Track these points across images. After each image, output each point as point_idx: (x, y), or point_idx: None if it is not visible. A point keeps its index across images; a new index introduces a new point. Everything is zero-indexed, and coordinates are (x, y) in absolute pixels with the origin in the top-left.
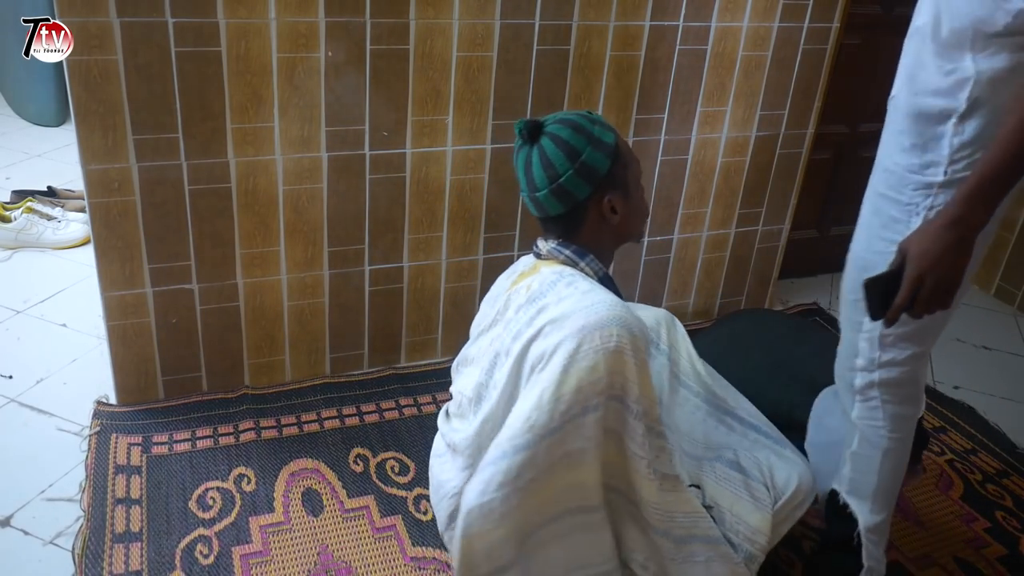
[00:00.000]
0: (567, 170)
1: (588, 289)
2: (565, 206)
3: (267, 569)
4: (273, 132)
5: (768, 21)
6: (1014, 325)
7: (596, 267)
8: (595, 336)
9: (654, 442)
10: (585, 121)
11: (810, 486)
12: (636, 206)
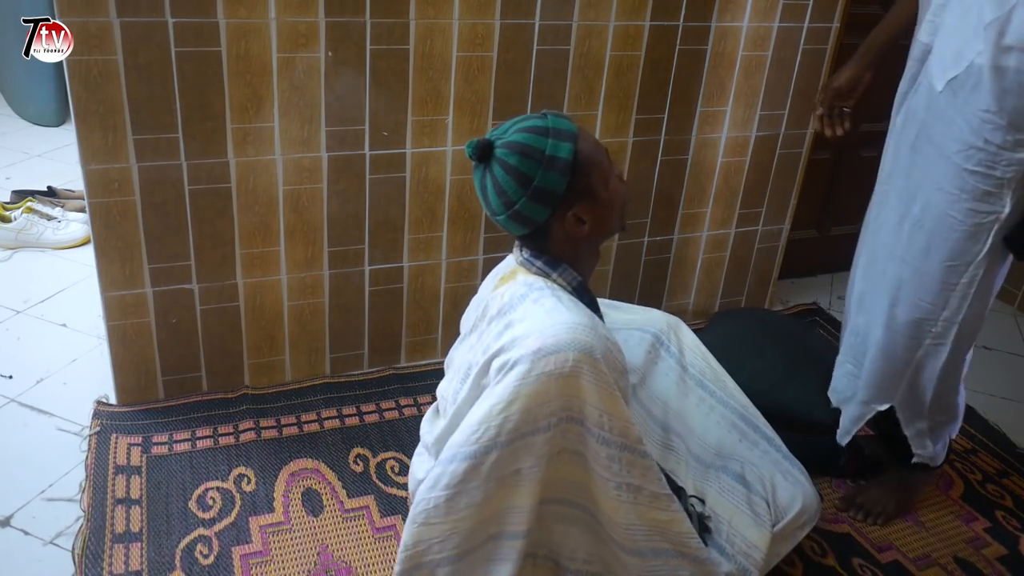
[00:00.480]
0: (520, 197)
1: (552, 308)
2: (527, 228)
3: (267, 569)
4: (273, 132)
5: (768, 21)
6: (1014, 325)
7: (569, 277)
8: (549, 361)
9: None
10: (536, 139)
11: (814, 510)
12: (609, 204)
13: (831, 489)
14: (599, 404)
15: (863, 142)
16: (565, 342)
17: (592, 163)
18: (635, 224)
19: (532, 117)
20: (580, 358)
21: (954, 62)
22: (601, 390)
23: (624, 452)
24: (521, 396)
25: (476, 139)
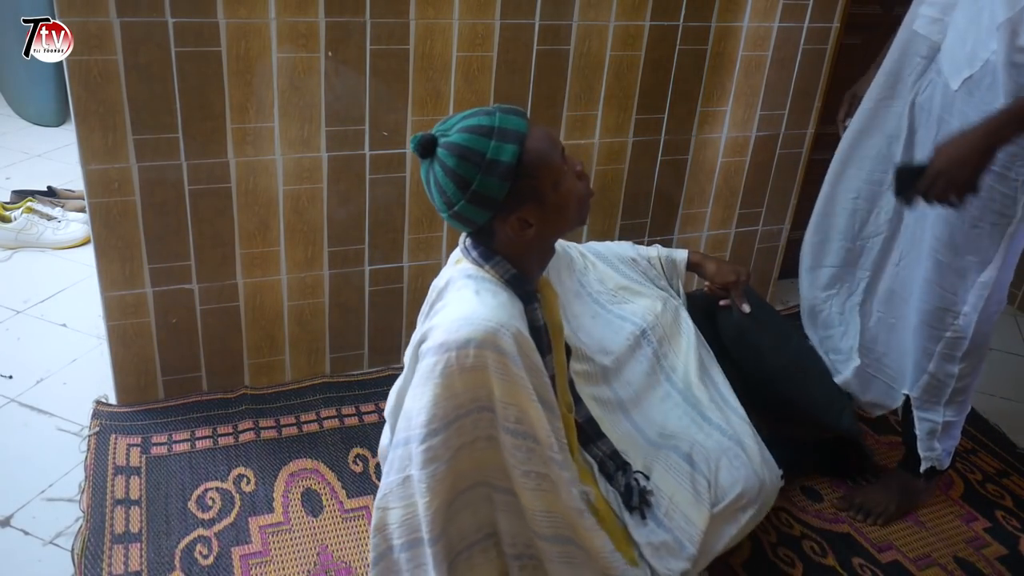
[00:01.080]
0: (459, 199)
1: (467, 300)
2: (470, 228)
3: (267, 569)
4: (273, 132)
5: (768, 21)
6: (1014, 325)
7: (503, 269)
8: (451, 356)
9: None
10: (477, 141)
11: (755, 493)
12: (558, 206)
13: (830, 488)
14: (503, 396)
15: None
16: (468, 338)
17: (540, 165)
18: (635, 224)
19: (479, 114)
20: (483, 353)
21: (968, 62)
22: (505, 382)
23: (527, 441)
24: (428, 388)
25: (420, 134)
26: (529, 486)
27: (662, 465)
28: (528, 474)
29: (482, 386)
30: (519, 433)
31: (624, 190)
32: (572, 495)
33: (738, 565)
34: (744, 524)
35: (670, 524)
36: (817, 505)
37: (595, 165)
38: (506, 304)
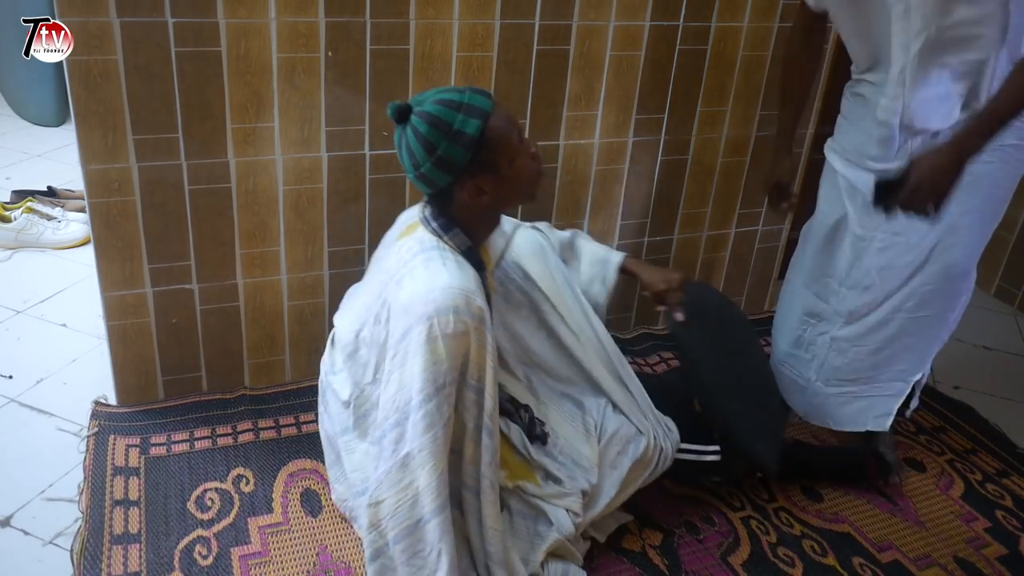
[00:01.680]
0: (425, 162)
1: (437, 271)
2: (431, 189)
3: (266, 570)
4: (273, 132)
5: (768, 21)
6: (1014, 325)
7: (460, 241)
8: (434, 323)
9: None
10: (447, 112)
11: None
12: (512, 180)
13: (830, 488)
14: (475, 357)
15: None
16: (443, 307)
17: (499, 141)
18: (635, 224)
19: (452, 90)
20: (461, 319)
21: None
22: (479, 344)
23: (480, 396)
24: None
25: (397, 102)
26: (474, 437)
27: (556, 413)
28: (479, 428)
29: (461, 353)
30: (477, 390)
31: (624, 190)
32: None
33: (738, 565)
34: (627, 472)
35: (564, 459)
36: (817, 505)
37: (595, 165)
38: (470, 273)
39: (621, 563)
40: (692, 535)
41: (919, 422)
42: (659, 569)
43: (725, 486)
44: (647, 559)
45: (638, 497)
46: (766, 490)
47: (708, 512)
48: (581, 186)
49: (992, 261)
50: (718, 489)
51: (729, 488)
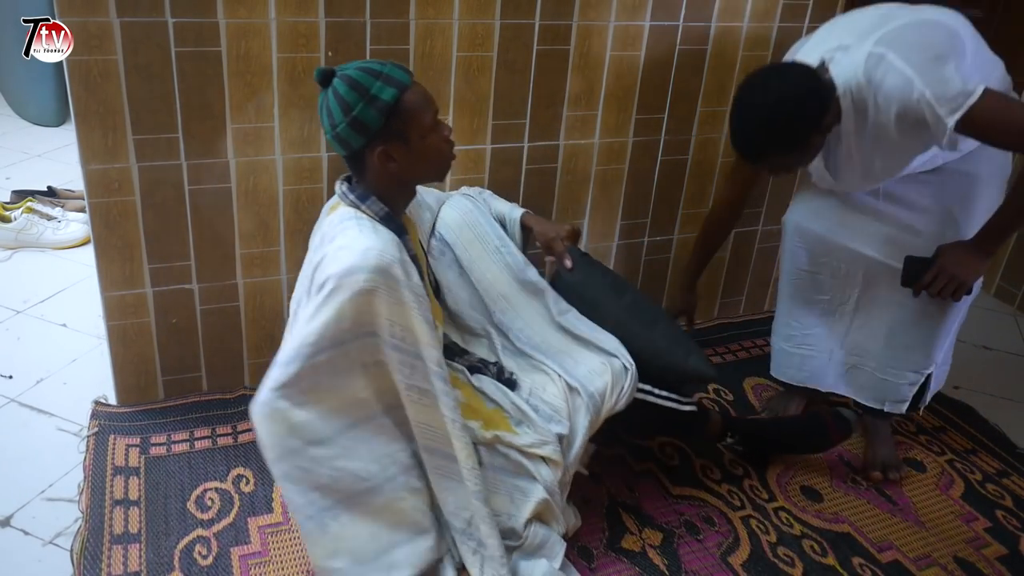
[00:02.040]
0: (342, 122)
1: (355, 235)
2: (346, 151)
3: (266, 570)
4: (273, 132)
5: (768, 21)
6: (1014, 325)
7: (377, 208)
8: (344, 281)
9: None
10: (366, 77)
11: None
12: (420, 153)
13: (831, 488)
14: (390, 316)
15: None
16: (357, 265)
17: (412, 114)
18: (635, 224)
19: (374, 61)
20: (370, 277)
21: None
22: (393, 304)
23: (411, 358)
24: (323, 312)
25: (323, 67)
26: (413, 399)
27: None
28: (412, 388)
29: (368, 311)
30: (404, 350)
31: (624, 190)
32: (449, 406)
33: (738, 565)
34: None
35: (535, 401)
36: (817, 505)
37: (595, 165)
38: (386, 237)
39: (621, 563)
40: (692, 535)
41: (919, 422)
42: (659, 569)
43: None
44: (647, 559)
45: (638, 497)
46: (766, 490)
47: (708, 512)
48: (581, 186)
49: (992, 261)
50: (718, 489)
51: (729, 488)
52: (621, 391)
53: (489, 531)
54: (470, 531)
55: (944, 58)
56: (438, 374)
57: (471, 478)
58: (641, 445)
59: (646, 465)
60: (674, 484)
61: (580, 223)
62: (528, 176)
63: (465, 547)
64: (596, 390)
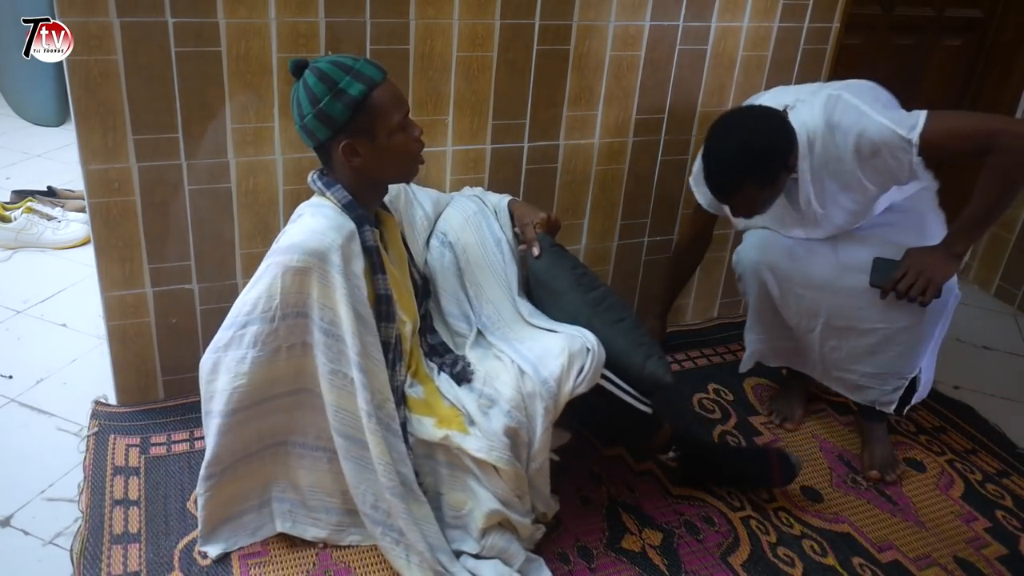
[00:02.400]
0: (309, 113)
1: (307, 218)
2: (312, 142)
3: (266, 570)
4: (273, 132)
5: (768, 21)
6: (1014, 325)
7: (340, 195)
8: (280, 258)
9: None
10: (336, 71)
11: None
12: (386, 151)
13: (831, 488)
14: (320, 298)
15: None
16: (294, 245)
17: (380, 111)
18: (635, 224)
19: (348, 56)
20: (304, 257)
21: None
22: (324, 286)
23: (337, 342)
24: (259, 286)
25: (297, 58)
26: (335, 383)
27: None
28: (335, 372)
29: (302, 290)
30: (331, 333)
31: (624, 190)
32: (366, 398)
33: (738, 565)
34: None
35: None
36: (817, 505)
37: (595, 165)
38: (336, 223)
39: (621, 563)
40: (692, 535)
41: (919, 422)
42: (659, 569)
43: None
44: (647, 559)
45: (638, 497)
46: (766, 490)
47: (708, 512)
48: (581, 186)
49: (992, 261)
50: (718, 489)
51: (729, 488)
52: (582, 371)
53: (407, 524)
54: (389, 523)
55: (890, 103)
56: (358, 364)
57: (386, 474)
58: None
59: (646, 465)
60: (674, 484)
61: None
62: (528, 176)
63: (387, 539)
64: (550, 374)
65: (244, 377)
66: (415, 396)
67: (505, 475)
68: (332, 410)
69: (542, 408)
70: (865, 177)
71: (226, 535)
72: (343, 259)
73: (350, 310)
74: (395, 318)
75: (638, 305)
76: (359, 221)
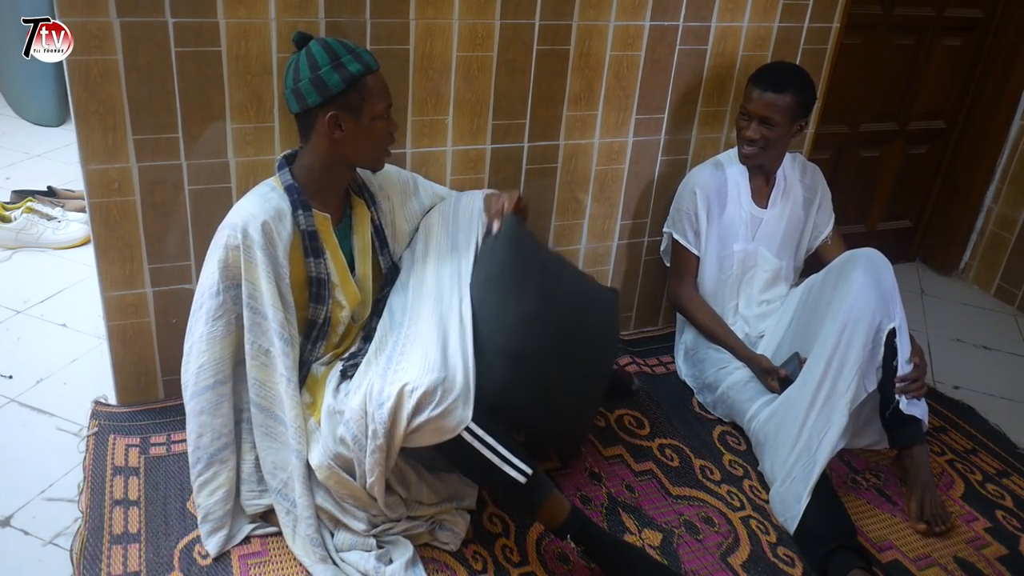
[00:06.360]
0: (305, 77)
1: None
2: (300, 107)
3: (266, 570)
4: (274, 132)
5: (768, 21)
6: (1014, 325)
7: (285, 178)
8: (217, 237)
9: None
10: (340, 48)
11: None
12: (366, 132)
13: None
14: (246, 274)
15: (863, 142)
16: (229, 222)
17: (370, 94)
18: (635, 224)
19: (351, 42)
20: (234, 234)
21: None
22: (248, 262)
23: (258, 316)
24: (206, 265)
25: (302, 31)
26: (256, 357)
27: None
28: (256, 346)
29: (233, 265)
30: (254, 308)
31: (624, 190)
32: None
33: (738, 565)
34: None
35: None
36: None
37: (595, 165)
38: (268, 201)
39: None
40: (692, 535)
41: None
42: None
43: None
44: None
45: (638, 497)
46: (766, 490)
47: (708, 512)
48: (581, 186)
49: (992, 261)
50: (718, 489)
51: (729, 488)
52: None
53: (301, 491)
54: (285, 492)
55: None
56: (279, 333)
57: (296, 437)
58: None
59: (646, 465)
60: (674, 484)
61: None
62: (528, 176)
63: (280, 507)
64: (387, 399)
65: (205, 354)
66: (315, 376)
67: (328, 482)
68: (251, 382)
69: (372, 445)
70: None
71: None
72: (264, 236)
73: (270, 285)
74: (326, 301)
75: (638, 305)
76: (295, 204)
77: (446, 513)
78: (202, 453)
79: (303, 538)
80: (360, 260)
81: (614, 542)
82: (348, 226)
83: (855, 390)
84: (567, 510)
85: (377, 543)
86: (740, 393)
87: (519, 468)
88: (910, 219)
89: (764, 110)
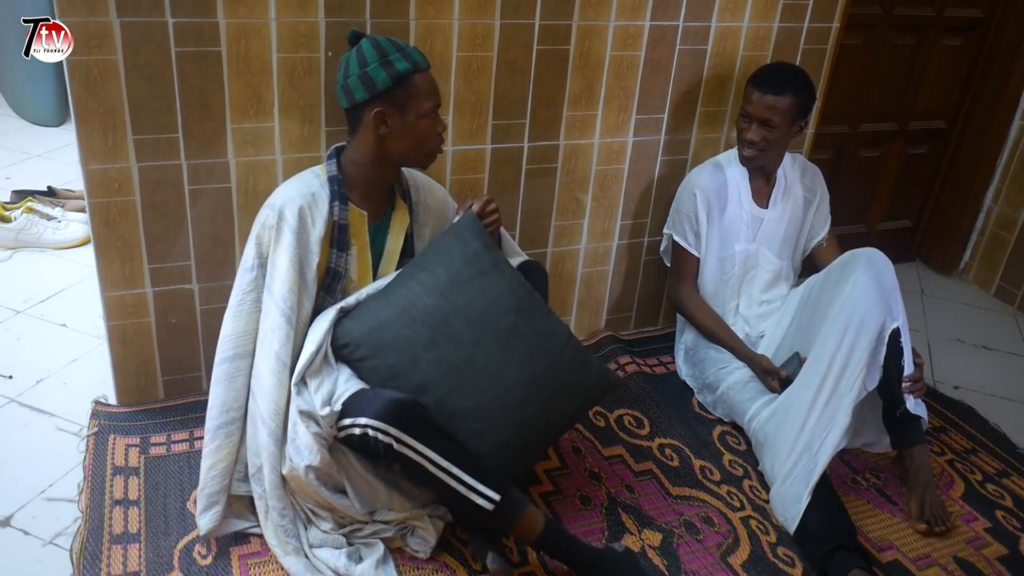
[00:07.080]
0: (354, 73)
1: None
2: (348, 102)
3: (265, 570)
4: (273, 132)
5: (768, 21)
6: (1014, 325)
7: (330, 169)
8: (260, 214)
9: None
10: (390, 46)
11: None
12: (410, 129)
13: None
14: (273, 255)
15: (863, 142)
16: (269, 202)
17: (415, 93)
18: (635, 224)
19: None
20: (270, 213)
21: None
22: (276, 242)
23: (269, 296)
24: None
25: (355, 29)
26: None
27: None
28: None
29: (267, 243)
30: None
31: (624, 190)
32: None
33: (738, 565)
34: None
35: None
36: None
37: (595, 165)
38: (308, 188)
39: None
40: (692, 535)
41: None
42: (659, 569)
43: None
44: (647, 559)
45: (638, 497)
46: (766, 490)
47: (708, 512)
48: (581, 186)
49: (992, 261)
50: (718, 489)
51: (729, 488)
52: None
53: (270, 477)
54: (259, 476)
55: None
56: (284, 312)
57: (274, 416)
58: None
59: (646, 465)
60: (674, 484)
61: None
62: (528, 176)
63: (256, 492)
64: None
65: (229, 325)
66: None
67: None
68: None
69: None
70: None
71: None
72: (299, 219)
73: (289, 264)
74: (336, 293)
75: (638, 305)
76: (333, 195)
77: (416, 519)
78: (210, 424)
79: (274, 526)
80: (387, 261)
81: (590, 552)
82: (386, 226)
83: (858, 390)
84: (542, 524)
85: (347, 541)
86: (740, 393)
87: (485, 495)
88: (910, 219)
89: (764, 112)
